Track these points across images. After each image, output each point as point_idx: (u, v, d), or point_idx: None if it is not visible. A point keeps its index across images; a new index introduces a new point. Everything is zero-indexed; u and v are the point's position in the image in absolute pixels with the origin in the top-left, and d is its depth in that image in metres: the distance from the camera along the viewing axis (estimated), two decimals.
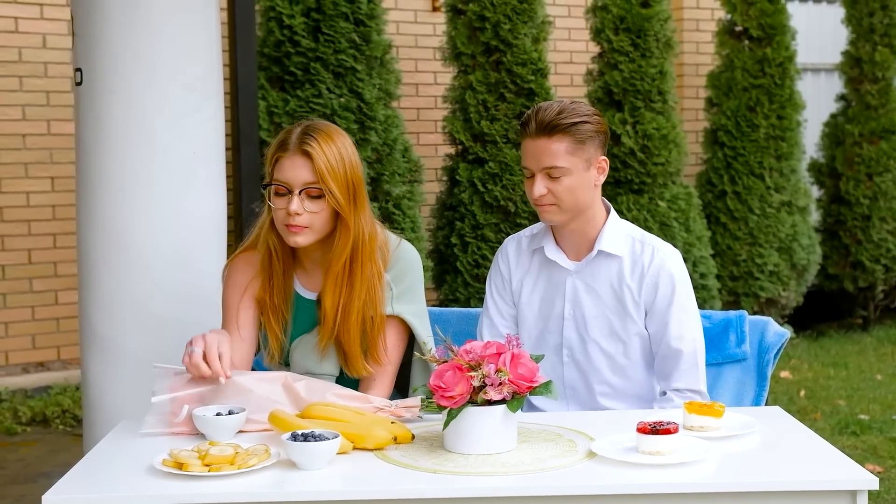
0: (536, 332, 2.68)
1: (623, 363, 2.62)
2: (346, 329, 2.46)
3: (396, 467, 2.01)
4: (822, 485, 1.92)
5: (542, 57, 5.79)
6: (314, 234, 2.43)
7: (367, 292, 2.47)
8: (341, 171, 2.40)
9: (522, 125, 2.56)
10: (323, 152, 2.38)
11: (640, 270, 2.58)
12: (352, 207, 2.43)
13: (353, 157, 2.45)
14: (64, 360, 5.93)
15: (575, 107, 2.53)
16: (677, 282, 2.57)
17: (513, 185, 5.60)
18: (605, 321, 2.61)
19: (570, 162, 2.50)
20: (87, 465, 2.07)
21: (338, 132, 2.46)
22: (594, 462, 2.02)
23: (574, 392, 2.66)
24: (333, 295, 2.46)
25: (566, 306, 2.63)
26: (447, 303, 5.73)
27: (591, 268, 2.62)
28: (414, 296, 2.56)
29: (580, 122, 2.50)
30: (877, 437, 4.88)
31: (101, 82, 2.84)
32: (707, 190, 6.91)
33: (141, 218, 2.83)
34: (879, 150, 7.32)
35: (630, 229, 2.65)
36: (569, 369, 2.65)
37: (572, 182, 2.51)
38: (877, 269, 7.37)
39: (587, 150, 2.52)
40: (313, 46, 5.24)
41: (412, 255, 2.57)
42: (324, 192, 2.38)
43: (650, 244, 2.61)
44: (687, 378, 2.56)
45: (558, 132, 2.48)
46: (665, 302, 2.56)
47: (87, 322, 2.89)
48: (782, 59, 6.82)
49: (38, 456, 4.80)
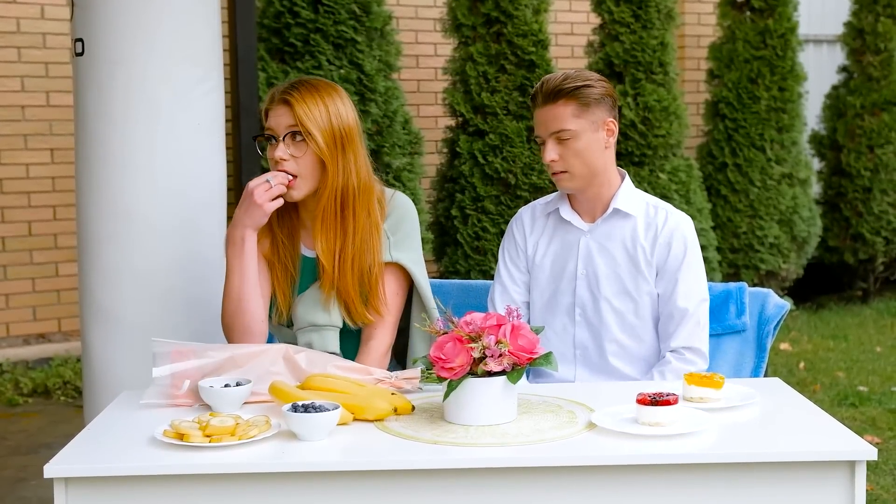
0: (549, 294, 2.71)
1: (633, 322, 2.65)
2: (344, 277, 2.51)
3: (397, 438, 2.02)
4: (820, 456, 1.93)
5: (543, 28, 5.76)
6: (303, 182, 2.48)
7: (361, 241, 2.52)
8: (324, 117, 2.47)
9: (532, 98, 2.66)
10: (303, 99, 2.47)
11: (654, 231, 2.64)
12: (335, 153, 2.48)
13: (340, 107, 2.51)
14: (65, 331, 5.94)
15: (579, 73, 2.63)
16: (689, 244, 2.63)
17: (513, 157, 5.58)
18: (617, 280, 2.65)
19: (577, 124, 2.57)
20: (89, 436, 2.08)
21: (325, 84, 2.53)
22: (594, 433, 2.02)
23: (584, 352, 2.69)
24: (326, 242, 2.51)
25: (579, 265, 2.67)
26: (447, 275, 5.73)
27: (606, 227, 2.67)
28: (411, 243, 2.60)
29: (583, 85, 2.58)
30: (875, 408, 4.90)
31: (103, 53, 2.82)
32: (708, 162, 6.90)
33: (143, 189, 2.82)
34: (881, 121, 7.30)
35: (644, 195, 2.72)
36: (580, 329, 2.68)
37: (581, 145, 2.57)
38: (877, 242, 7.37)
39: (594, 113, 2.59)
40: (313, 17, 5.22)
41: (407, 204, 2.62)
42: (305, 135, 2.45)
43: (664, 208, 2.68)
44: (689, 336, 2.60)
45: (563, 96, 2.57)
46: (676, 262, 2.62)
47: (87, 293, 2.89)
48: (784, 30, 6.79)
49: (39, 427, 4.83)
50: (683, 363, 2.57)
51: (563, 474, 1.92)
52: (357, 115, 2.56)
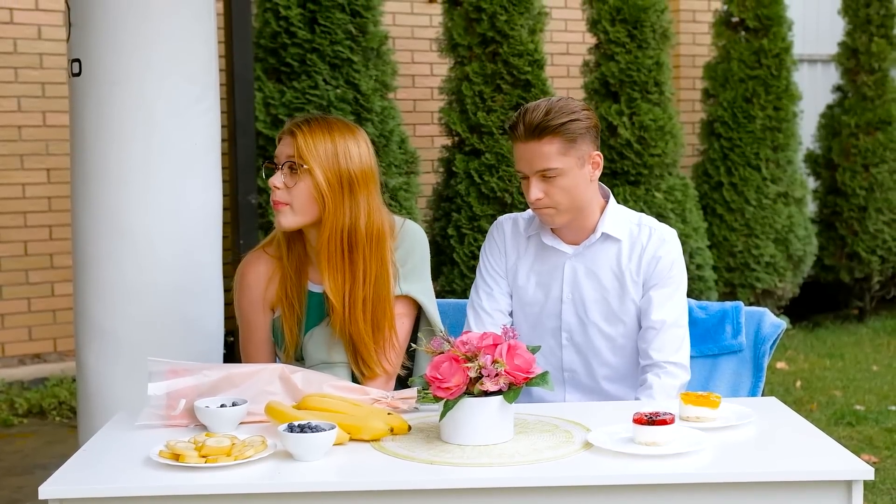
0: (533, 317, 2.68)
1: (623, 343, 2.63)
2: (354, 320, 2.46)
3: (393, 458, 2.01)
4: (817, 475, 1.92)
5: (539, 48, 5.78)
6: (295, 213, 2.44)
7: (372, 285, 2.46)
8: (328, 154, 2.41)
9: (511, 129, 2.53)
10: (309, 133, 2.42)
11: (640, 249, 2.60)
12: (340, 193, 2.42)
13: (353, 149, 2.44)
14: (60, 351, 5.92)
15: (562, 104, 2.50)
16: (675, 259, 2.61)
17: (509, 176, 5.59)
18: (605, 304, 2.62)
19: (563, 162, 2.49)
20: (84, 457, 2.07)
21: (342, 125, 2.47)
22: (590, 453, 2.02)
23: (573, 376, 2.67)
24: (334, 281, 2.46)
25: (565, 289, 2.63)
26: (443, 294, 5.72)
27: (592, 252, 2.63)
28: (421, 274, 2.57)
29: (568, 120, 2.48)
30: (872, 427, 4.89)
31: (102, 73, 2.82)
32: (703, 181, 6.91)
33: (139, 209, 2.82)
34: (876, 140, 7.32)
35: (627, 214, 2.67)
36: (567, 353, 2.65)
37: (567, 182, 2.51)
38: (873, 260, 7.38)
39: (579, 148, 2.51)
40: (309, 37, 5.23)
41: (417, 234, 2.58)
42: (299, 167, 2.41)
43: (647, 225, 2.64)
44: (668, 349, 2.55)
45: (548, 133, 2.47)
46: (660, 276, 2.59)
47: (82, 313, 2.89)
48: (779, 50, 6.82)
49: (34, 447, 4.81)
50: (668, 377, 2.54)
51: (559, 494, 1.92)
52: (374, 161, 2.49)
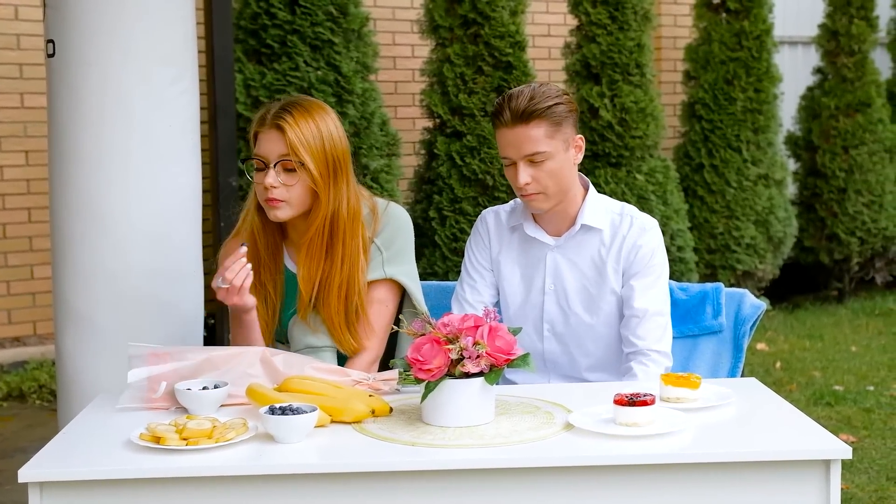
0: (515, 308, 2.69)
1: (603, 332, 2.64)
2: (327, 304, 2.47)
3: (374, 440, 2.01)
4: (796, 455, 1.94)
5: (520, 30, 5.77)
6: (292, 207, 2.45)
7: (349, 267, 2.47)
8: (317, 144, 2.42)
9: (495, 115, 2.53)
10: (297, 126, 2.40)
11: (621, 239, 2.61)
12: (329, 182, 2.44)
13: (333, 131, 2.46)
14: (40, 335, 5.89)
15: (545, 89, 2.52)
16: (655, 248, 2.61)
17: (490, 158, 5.59)
18: (586, 294, 2.63)
19: (551, 145, 2.50)
20: (64, 440, 2.06)
21: (318, 107, 2.47)
22: (572, 434, 2.03)
23: (555, 366, 2.68)
24: (309, 269, 2.47)
25: (547, 280, 2.64)
26: (425, 276, 5.72)
27: (573, 243, 2.64)
28: (405, 257, 2.57)
29: (554, 104, 2.50)
30: (851, 407, 4.93)
31: (75, 54, 2.79)
32: (684, 163, 6.93)
33: (117, 191, 2.80)
34: (855, 123, 7.35)
35: (609, 203, 2.68)
36: (549, 343, 2.66)
37: (554, 165, 2.52)
38: (852, 242, 7.42)
39: (564, 131, 2.53)
40: (290, 19, 5.20)
41: (401, 217, 2.58)
42: (296, 164, 2.40)
43: (628, 214, 2.64)
44: (651, 337, 2.56)
45: (535, 117, 2.48)
46: (641, 265, 2.60)
47: (61, 297, 2.87)
48: (759, 31, 6.83)
49: (14, 431, 4.79)
50: (652, 365, 2.55)
51: (540, 475, 1.92)
52: (346, 135, 2.51)
